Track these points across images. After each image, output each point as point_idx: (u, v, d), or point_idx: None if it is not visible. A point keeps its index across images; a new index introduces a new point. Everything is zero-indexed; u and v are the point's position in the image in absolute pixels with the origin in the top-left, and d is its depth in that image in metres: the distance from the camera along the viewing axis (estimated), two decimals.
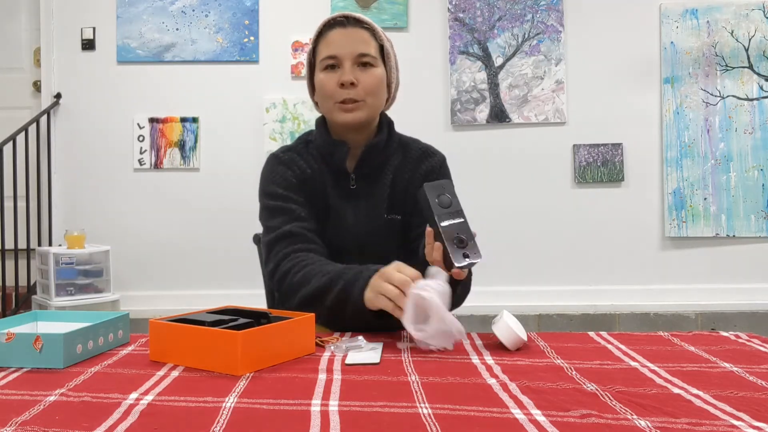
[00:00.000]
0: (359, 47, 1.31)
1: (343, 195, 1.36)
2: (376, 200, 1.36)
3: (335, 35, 1.33)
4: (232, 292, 3.20)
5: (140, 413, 0.70)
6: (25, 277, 3.55)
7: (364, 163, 1.36)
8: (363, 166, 1.37)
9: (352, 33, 1.32)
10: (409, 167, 1.39)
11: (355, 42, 1.31)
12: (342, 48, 1.31)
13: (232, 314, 1.00)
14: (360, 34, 1.33)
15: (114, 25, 3.72)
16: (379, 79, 1.33)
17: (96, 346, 0.97)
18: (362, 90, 1.31)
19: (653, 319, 3.56)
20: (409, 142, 1.43)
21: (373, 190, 1.37)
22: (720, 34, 3.71)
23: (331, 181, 1.37)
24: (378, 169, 1.38)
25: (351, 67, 1.30)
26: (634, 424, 0.65)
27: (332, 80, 1.31)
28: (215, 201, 3.69)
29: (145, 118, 3.72)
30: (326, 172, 1.36)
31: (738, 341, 1.05)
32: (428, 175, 1.38)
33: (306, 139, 1.42)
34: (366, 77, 1.31)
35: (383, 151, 1.38)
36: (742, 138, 3.70)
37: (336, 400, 0.74)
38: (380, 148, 1.37)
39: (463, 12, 3.73)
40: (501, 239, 3.60)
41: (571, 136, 3.71)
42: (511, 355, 0.96)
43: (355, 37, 1.32)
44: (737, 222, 3.69)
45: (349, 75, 1.29)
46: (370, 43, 1.33)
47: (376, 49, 1.34)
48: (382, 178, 1.37)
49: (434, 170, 1.40)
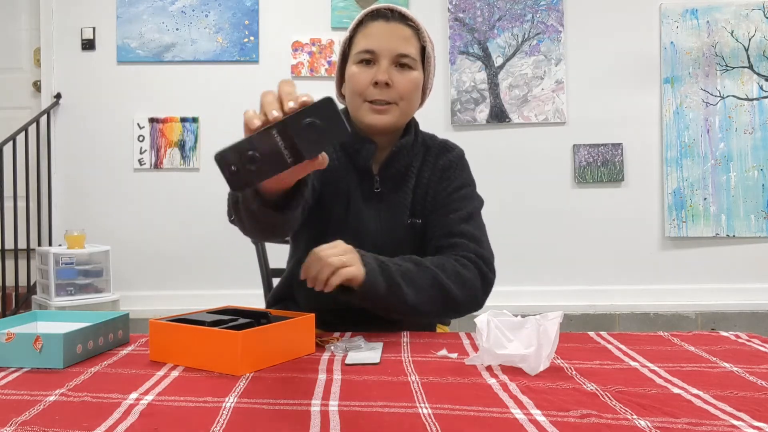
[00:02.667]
0: (400, 46, 1.22)
1: (366, 197, 1.28)
2: (399, 205, 1.29)
3: (376, 28, 1.23)
4: (232, 292, 3.20)
5: (140, 413, 0.70)
6: (25, 277, 3.55)
7: (391, 165, 1.28)
8: (389, 168, 1.28)
9: (394, 29, 1.23)
10: (429, 166, 1.32)
11: (396, 39, 1.22)
12: (381, 43, 1.21)
13: (232, 314, 1.00)
14: (403, 31, 1.23)
15: (114, 25, 3.72)
16: (416, 84, 1.24)
17: (96, 346, 0.97)
18: (396, 92, 1.21)
19: (653, 319, 3.56)
20: (427, 140, 1.36)
21: (397, 194, 1.29)
22: (720, 34, 3.71)
23: (355, 180, 1.28)
24: (403, 171, 1.30)
25: (388, 66, 1.21)
26: (634, 424, 0.65)
27: (366, 76, 1.21)
28: (215, 201, 3.67)
29: (145, 118, 3.72)
30: (351, 170, 1.28)
31: (738, 341, 1.05)
32: (445, 171, 1.31)
33: None
34: (402, 79, 1.22)
35: (409, 153, 1.30)
36: (742, 138, 3.70)
37: (336, 400, 0.74)
38: (407, 150, 1.29)
39: (463, 12, 3.73)
40: (501, 239, 3.58)
41: (571, 136, 3.71)
42: None
43: (397, 34, 1.22)
44: (737, 222, 3.69)
45: (385, 74, 1.20)
46: (412, 42, 1.24)
47: (418, 50, 1.25)
48: (407, 181, 1.30)
49: (451, 165, 1.32)
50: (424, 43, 1.27)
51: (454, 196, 1.29)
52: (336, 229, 1.24)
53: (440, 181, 1.31)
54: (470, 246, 1.23)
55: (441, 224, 1.27)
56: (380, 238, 1.26)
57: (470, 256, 1.21)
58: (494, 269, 1.24)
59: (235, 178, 0.73)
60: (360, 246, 1.21)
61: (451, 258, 1.20)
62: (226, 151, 0.73)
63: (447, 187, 1.30)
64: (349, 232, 1.24)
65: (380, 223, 1.28)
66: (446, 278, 1.15)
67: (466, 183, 1.33)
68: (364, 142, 1.26)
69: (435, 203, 1.30)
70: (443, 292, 1.15)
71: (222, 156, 0.73)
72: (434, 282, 1.14)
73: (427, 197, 1.30)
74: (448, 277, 1.15)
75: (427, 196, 1.30)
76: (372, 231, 1.27)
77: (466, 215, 1.27)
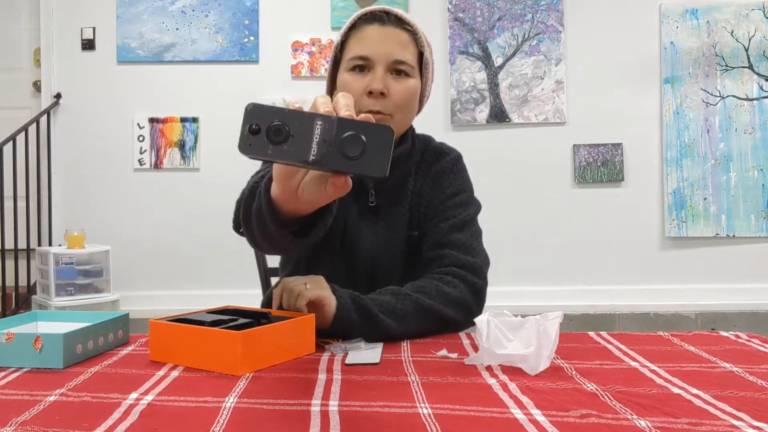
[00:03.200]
0: (396, 52, 1.14)
1: (361, 212, 1.22)
2: (396, 218, 1.23)
3: (371, 32, 1.15)
4: (232, 292, 3.20)
5: (140, 413, 0.70)
6: (25, 277, 3.55)
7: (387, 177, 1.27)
8: (384, 181, 1.20)
9: (390, 33, 1.15)
10: (422, 174, 1.26)
11: (392, 45, 1.14)
12: (376, 49, 1.14)
13: (232, 314, 1.00)
14: (399, 36, 1.15)
15: (114, 25, 3.72)
16: (413, 93, 1.17)
17: (96, 346, 0.97)
18: (392, 102, 1.14)
19: (653, 319, 3.56)
20: (423, 146, 1.30)
21: (394, 207, 1.23)
22: (720, 34, 3.71)
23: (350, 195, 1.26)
24: (399, 183, 1.24)
25: (383, 74, 1.14)
26: (634, 424, 0.65)
27: (359, 85, 1.14)
28: (215, 201, 3.68)
29: (145, 118, 3.72)
30: None
31: (738, 341, 1.05)
32: (438, 177, 1.25)
33: None
34: (398, 88, 1.15)
35: (406, 163, 1.24)
36: (742, 138, 3.70)
37: (336, 400, 0.74)
38: (403, 161, 1.23)
39: (463, 12, 3.73)
40: (501, 239, 3.59)
41: (571, 136, 3.72)
42: None
43: (393, 39, 1.15)
44: (737, 222, 3.69)
45: (380, 83, 1.12)
46: (409, 48, 1.16)
47: (415, 56, 1.18)
48: (404, 193, 1.24)
49: (444, 171, 1.27)
50: (422, 49, 1.20)
51: (448, 204, 1.24)
52: (331, 246, 1.21)
53: (433, 189, 1.26)
54: (458, 257, 1.17)
55: (432, 234, 1.22)
56: (377, 253, 1.21)
57: (454, 271, 1.15)
58: (485, 276, 1.19)
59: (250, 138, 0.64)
60: (356, 262, 1.20)
61: (434, 278, 1.15)
62: (263, 107, 0.64)
63: (440, 194, 1.25)
64: (344, 248, 1.22)
65: (377, 238, 1.22)
66: (429, 300, 1.09)
67: (461, 189, 1.27)
68: None
69: (428, 212, 1.24)
70: (430, 314, 1.09)
71: (255, 108, 0.64)
72: (417, 307, 1.08)
73: (421, 207, 1.24)
74: (431, 299, 1.10)
75: (420, 206, 1.24)
76: (367, 246, 1.22)
77: (460, 223, 1.22)
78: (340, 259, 1.22)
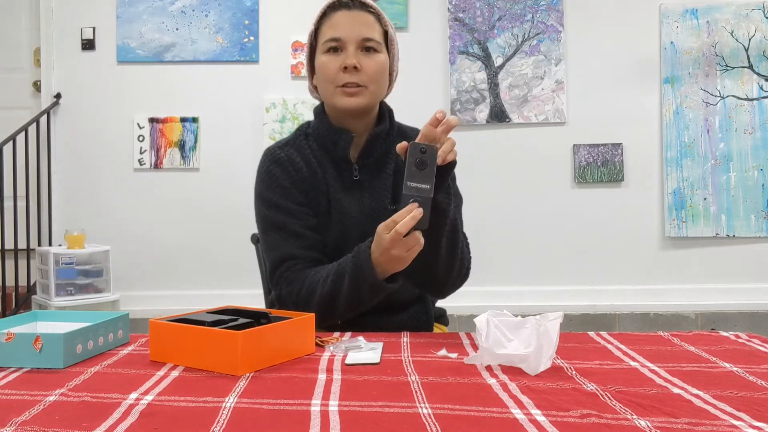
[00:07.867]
0: (364, 31, 1.28)
1: (345, 186, 1.32)
2: (379, 191, 1.33)
3: (340, 17, 1.29)
4: (232, 292, 3.19)
5: (140, 413, 0.70)
6: (25, 277, 3.55)
7: (368, 153, 1.33)
8: (367, 156, 1.32)
9: (357, 16, 1.29)
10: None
11: (359, 25, 1.28)
12: (346, 31, 1.27)
13: (232, 314, 1.00)
14: (365, 17, 1.30)
15: (114, 25, 3.72)
16: (383, 66, 1.30)
17: (96, 346, 0.97)
18: (365, 75, 1.27)
19: (653, 319, 3.56)
20: (407, 131, 1.40)
21: (377, 181, 1.33)
22: (720, 34, 3.71)
23: (333, 173, 1.32)
24: (381, 158, 1.34)
25: (354, 51, 1.27)
26: (634, 424, 0.65)
27: (335, 63, 1.27)
28: (215, 201, 3.69)
29: (145, 118, 3.72)
30: (328, 164, 1.32)
31: (738, 341, 1.05)
32: None
33: (305, 132, 1.37)
34: (369, 62, 1.28)
35: (386, 140, 1.34)
36: (742, 138, 3.70)
37: (336, 400, 0.74)
38: (383, 137, 1.34)
39: (463, 12, 3.73)
40: (501, 239, 3.60)
41: (571, 136, 3.71)
42: None
43: (360, 21, 1.28)
44: (737, 222, 3.69)
45: (353, 59, 1.26)
46: (375, 27, 1.30)
47: (381, 34, 1.31)
48: (386, 168, 1.34)
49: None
50: (386, 27, 1.33)
51: None
52: (320, 222, 1.31)
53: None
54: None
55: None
56: (365, 225, 1.28)
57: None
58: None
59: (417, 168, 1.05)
60: (346, 234, 1.30)
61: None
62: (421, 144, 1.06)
63: None
64: (332, 222, 1.30)
65: (363, 210, 1.32)
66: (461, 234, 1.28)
67: None
68: (340, 133, 1.31)
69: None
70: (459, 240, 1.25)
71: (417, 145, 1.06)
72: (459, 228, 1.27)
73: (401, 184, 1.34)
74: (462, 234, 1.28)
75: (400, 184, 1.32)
76: (355, 219, 1.31)
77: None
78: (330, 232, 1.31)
